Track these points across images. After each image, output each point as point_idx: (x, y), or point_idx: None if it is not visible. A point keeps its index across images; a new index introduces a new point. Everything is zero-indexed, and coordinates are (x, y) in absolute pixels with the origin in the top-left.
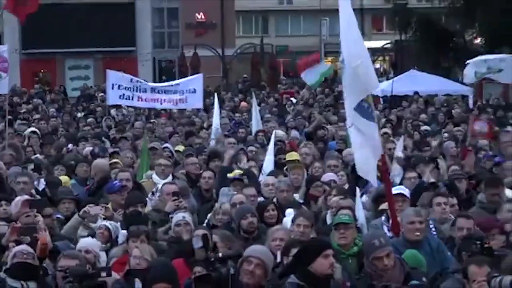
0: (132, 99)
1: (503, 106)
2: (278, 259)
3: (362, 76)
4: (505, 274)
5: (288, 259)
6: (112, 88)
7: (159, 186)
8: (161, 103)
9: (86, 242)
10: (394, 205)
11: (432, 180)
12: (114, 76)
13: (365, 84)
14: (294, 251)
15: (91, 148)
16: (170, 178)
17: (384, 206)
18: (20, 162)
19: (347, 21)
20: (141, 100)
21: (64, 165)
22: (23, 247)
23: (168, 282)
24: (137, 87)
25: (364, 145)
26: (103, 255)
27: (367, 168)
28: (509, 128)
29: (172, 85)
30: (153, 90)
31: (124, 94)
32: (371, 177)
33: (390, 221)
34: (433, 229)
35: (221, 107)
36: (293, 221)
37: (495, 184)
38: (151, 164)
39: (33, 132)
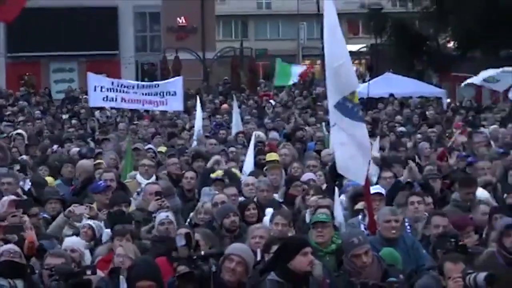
0: (116, 100)
1: (475, 108)
2: (259, 257)
3: (343, 76)
4: (479, 271)
5: (268, 257)
6: (95, 90)
7: (142, 186)
8: (143, 104)
9: (71, 241)
10: (372, 203)
11: (408, 179)
12: (95, 79)
13: (346, 84)
14: (274, 248)
15: (78, 149)
16: (154, 178)
17: (360, 205)
18: (6, 163)
19: (330, 22)
20: (124, 101)
21: (48, 166)
22: (10, 246)
23: (151, 279)
24: (119, 89)
25: (346, 143)
26: (87, 253)
27: (348, 166)
28: (481, 129)
29: (152, 86)
30: (133, 87)
31: (107, 96)
32: (351, 175)
33: (367, 219)
34: (408, 228)
35: (202, 109)
36: (271, 220)
37: (469, 184)
38: (135, 165)
39: (18, 134)
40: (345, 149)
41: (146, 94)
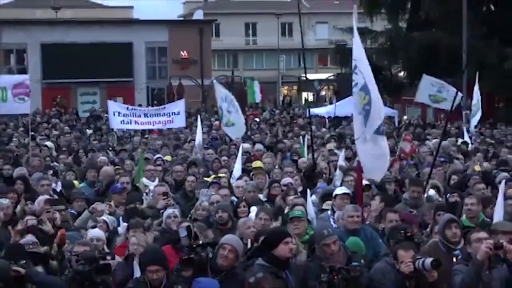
0: (130, 123)
1: (421, 125)
2: (249, 245)
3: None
4: (426, 257)
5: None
6: (114, 115)
7: (150, 187)
8: (153, 125)
9: (95, 232)
10: (362, 199)
11: (367, 182)
12: (113, 105)
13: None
14: (261, 238)
15: (104, 158)
16: (157, 181)
17: (326, 204)
18: (41, 169)
19: (360, 52)
20: (138, 124)
21: (74, 171)
22: (29, 238)
23: (158, 264)
24: (133, 114)
25: (371, 152)
26: None
27: (373, 169)
28: (426, 142)
29: (160, 109)
30: (145, 115)
31: (124, 120)
32: (375, 175)
33: (335, 215)
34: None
35: (201, 125)
36: (256, 215)
37: (416, 184)
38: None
39: (46, 145)
40: (370, 157)
41: (155, 115)
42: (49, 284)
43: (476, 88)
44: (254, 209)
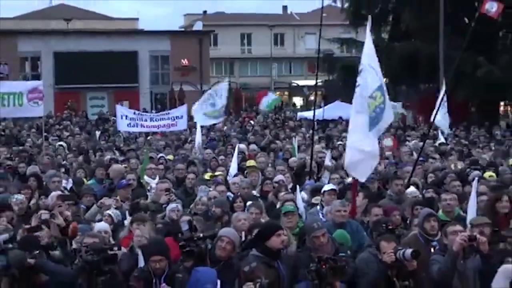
0: (137, 126)
1: (402, 127)
2: (243, 238)
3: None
4: (406, 248)
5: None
6: (121, 118)
7: (152, 184)
8: (158, 128)
9: (103, 225)
10: (355, 196)
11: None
12: (121, 109)
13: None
14: (255, 231)
15: (109, 157)
16: (157, 178)
17: (315, 199)
18: (53, 167)
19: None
20: (143, 127)
21: (84, 169)
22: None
23: (161, 255)
24: (139, 118)
25: (363, 150)
26: None
27: (360, 169)
28: (406, 143)
29: (164, 114)
30: (151, 119)
31: (130, 123)
32: (361, 175)
33: (324, 210)
34: None
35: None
36: (248, 209)
37: (398, 177)
38: None
39: (61, 145)
40: (361, 154)
41: (159, 119)
42: (59, 273)
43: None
44: (249, 204)
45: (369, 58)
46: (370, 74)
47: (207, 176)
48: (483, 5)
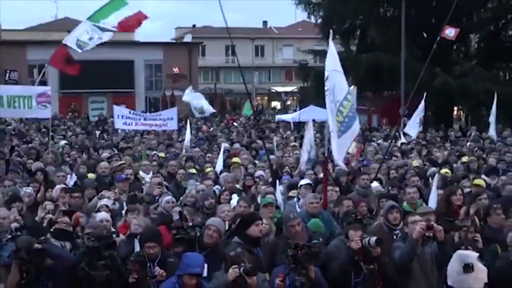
0: (132, 125)
1: (368, 129)
2: (227, 227)
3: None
4: (371, 236)
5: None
6: (118, 117)
7: (146, 179)
8: (150, 127)
9: (103, 215)
10: (326, 190)
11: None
12: (118, 110)
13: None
14: (238, 221)
15: (107, 154)
16: (151, 173)
17: (292, 193)
18: (58, 163)
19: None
20: (138, 125)
21: (86, 165)
22: (63, 218)
23: (154, 241)
24: (134, 117)
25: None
26: None
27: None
28: (372, 143)
29: (156, 115)
30: (145, 119)
31: (126, 122)
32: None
33: (300, 202)
34: None
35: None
36: (237, 202)
37: (365, 172)
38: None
39: (66, 143)
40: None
41: (152, 119)
42: (63, 257)
43: (422, 104)
44: (234, 196)
45: (332, 64)
46: (337, 77)
47: (192, 170)
48: (443, 31)
